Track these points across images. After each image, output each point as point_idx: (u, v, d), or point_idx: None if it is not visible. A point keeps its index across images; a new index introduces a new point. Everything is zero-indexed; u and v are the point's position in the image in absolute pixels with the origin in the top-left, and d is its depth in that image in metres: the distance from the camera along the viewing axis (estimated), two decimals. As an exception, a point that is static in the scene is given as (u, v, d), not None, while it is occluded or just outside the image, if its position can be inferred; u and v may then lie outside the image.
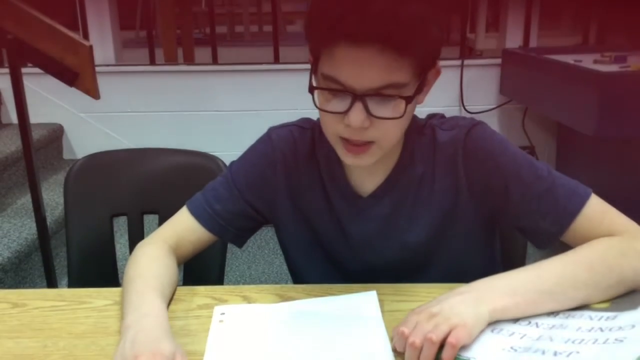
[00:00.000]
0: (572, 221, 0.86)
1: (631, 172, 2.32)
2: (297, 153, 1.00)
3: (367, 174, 0.96)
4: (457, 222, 0.95)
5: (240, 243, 1.05)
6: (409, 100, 0.80)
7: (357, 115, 0.79)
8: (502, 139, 0.92)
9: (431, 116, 0.98)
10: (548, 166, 0.91)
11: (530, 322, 0.76)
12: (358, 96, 0.79)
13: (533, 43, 2.96)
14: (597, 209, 0.87)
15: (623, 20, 3.26)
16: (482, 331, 0.73)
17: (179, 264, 0.99)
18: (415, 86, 0.82)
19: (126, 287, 0.87)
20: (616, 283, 0.80)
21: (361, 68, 0.77)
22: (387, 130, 0.83)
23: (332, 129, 0.85)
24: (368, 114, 0.80)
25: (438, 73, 0.87)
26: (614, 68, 2.19)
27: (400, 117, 0.81)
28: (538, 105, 2.56)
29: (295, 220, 1.01)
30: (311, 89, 0.83)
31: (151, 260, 0.92)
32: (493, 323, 0.75)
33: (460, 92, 2.83)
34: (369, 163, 0.88)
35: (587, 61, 2.32)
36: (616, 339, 0.70)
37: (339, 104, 0.81)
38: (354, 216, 0.97)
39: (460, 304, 0.74)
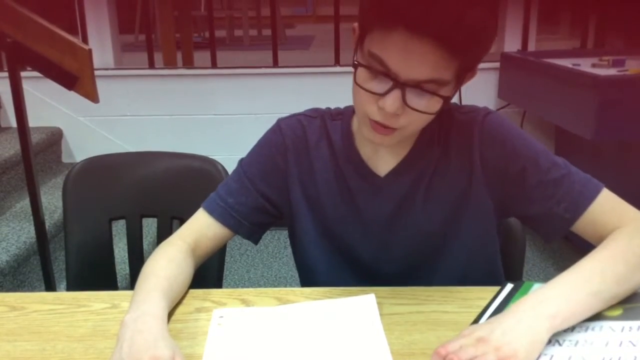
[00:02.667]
0: (587, 208, 0.87)
1: (629, 176, 2.32)
2: (307, 140, 1.01)
3: (383, 153, 0.97)
4: (470, 205, 0.96)
5: (254, 238, 1.05)
6: (446, 100, 0.82)
7: (393, 102, 0.80)
8: (518, 128, 0.95)
9: None
10: (563, 158, 0.92)
11: (550, 340, 0.73)
12: (399, 84, 0.79)
13: (531, 47, 2.97)
14: (609, 198, 0.89)
15: (621, 24, 3.27)
16: None
17: (199, 263, 1.00)
18: (454, 86, 0.83)
19: (138, 283, 0.88)
20: None
21: (411, 59, 0.77)
22: (415, 121, 0.84)
23: (364, 108, 0.85)
24: (403, 103, 0.80)
25: (474, 75, 0.88)
26: (612, 72, 2.20)
27: (433, 113, 0.83)
28: (536, 109, 2.57)
29: (306, 208, 1.02)
30: (355, 65, 0.83)
31: (167, 262, 0.92)
32: None
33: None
34: (390, 144, 0.89)
35: (586, 65, 2.33)
36: None
37: (377, 85, 0.81)
38: (371, 195, 0.98)
39: (514, 329, 0.71)
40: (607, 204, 0.88)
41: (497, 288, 0.91)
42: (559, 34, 4.07)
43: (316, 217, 1.02)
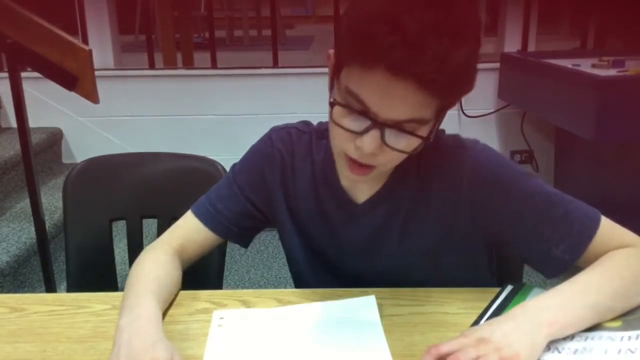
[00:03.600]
0: (587, 247, 0.85)
1: (629, 176, 2.32)
2: (293, 156, 1.00)
3: (362, 181, 0.93)
4: (453, 243, 0.93)
5: (244, 243, 1.05)
6: (425, 140, 0.78)
7: (371, 141, 0.77)
8: (510, 163, 0.91)
9: None
10: (557, 190, 0.88)
11: (550, 348, 0.74)
12: (378, 123, 0.76)
13: (531, 47, 2.97)
14: (607, 229, 0.86)
15: (621, 25, 3.27)
16: None
17: (186, 266, 0.99)
18: (434, 123, 0.79)
19: (127, 288, 0.88)
20: None
21: (392, 100, 0.74)
22: (393, 158, 0.82)
23: (341, 145, 0.82)
24: (382, 142, 0.77)
25: (454, 106, 0.84)
26: (612, 72, 2.20)
27: (411, 152, 0.80)
28: (536, 109, 2.57)
29: (290, 222, 1.02)
30: (331, 104, 0.79)
31: (154, 264, 0.92)
32: None
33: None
34: (367, 180, 0.87)
35: (585, 65, 2.33)
36: None
37: (355, 123, 0.78)
38: (347, 222, 0.97)
39: (514, 332, 0.71)
40: (605, 236, 0.85)
41: (497, 289, 0.91)
42: (559, 35, 4.06)
43: (299, 232, 1.01)
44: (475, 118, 2.86)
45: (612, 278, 0.80)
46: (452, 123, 2.87)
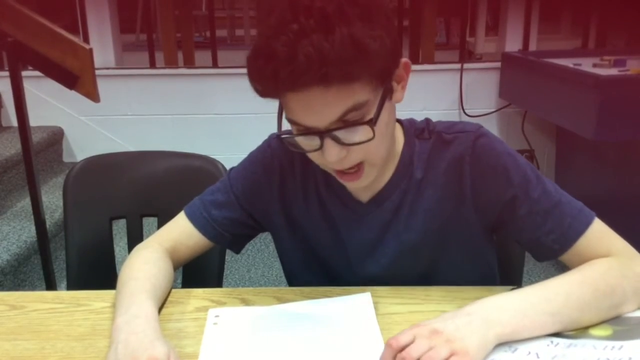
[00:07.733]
0: (576, 241, 0.85)
1: (630, 176, 2.32)
2: (294, 164, 0.99)
3: (363, 185, 0.92)
4: (457, 231, 0.94)
5: (237, 249, 1.05)
6: (371, 123, 0.78)
7: (331, 151, 0.79)
8: (511, 150, 0.91)
9: (429, 120, 0.96)
10: (555, 184, 0.89)
11: (530, 353, 0.73)
12: (324, 133, 0.78)
13: (532, 47, 2.97)
14: (598, 231, 0.86)
15: (623, 24, 3.27)
16: None
17: (175, 268, 0.99)
18: (378, 98, 0.79)
19: (119, 289, 0.88)
20: (618, 304, 0.80)
21: (313, 109, 0.76)
22: (370, 150, 0.82)
23: (322, 165, 0.86)
24: (342, 145, 0.79)
25: (408, 66, 0.84)
26: (613, 72, 2.20)
27: (373, 137, 0.79)
28: (537, 108, 2.57)
29: (289, 231, 1.01)
30: (279, 135, 0.85)
31: (144, 263, 0.92)
32: (490, 354, 0.72)
33: (460, 95, 2.83)
34: (368, 182, 0.87)
35: (587, 65, 2.33)
36: None
37: (312, 142, 0.81)
38: (354, 222, 0.96)
39: (466, 327, 0.72)
40: (596, 237, 0.86)
41: (498, 288, 0.91)
42: (560, 34, 4.06)
43: (299, 240, 1.01)
44: (476, 117, 2.86)
45: (584, 289, 0.79)
46: (453, 122, 2.87)
